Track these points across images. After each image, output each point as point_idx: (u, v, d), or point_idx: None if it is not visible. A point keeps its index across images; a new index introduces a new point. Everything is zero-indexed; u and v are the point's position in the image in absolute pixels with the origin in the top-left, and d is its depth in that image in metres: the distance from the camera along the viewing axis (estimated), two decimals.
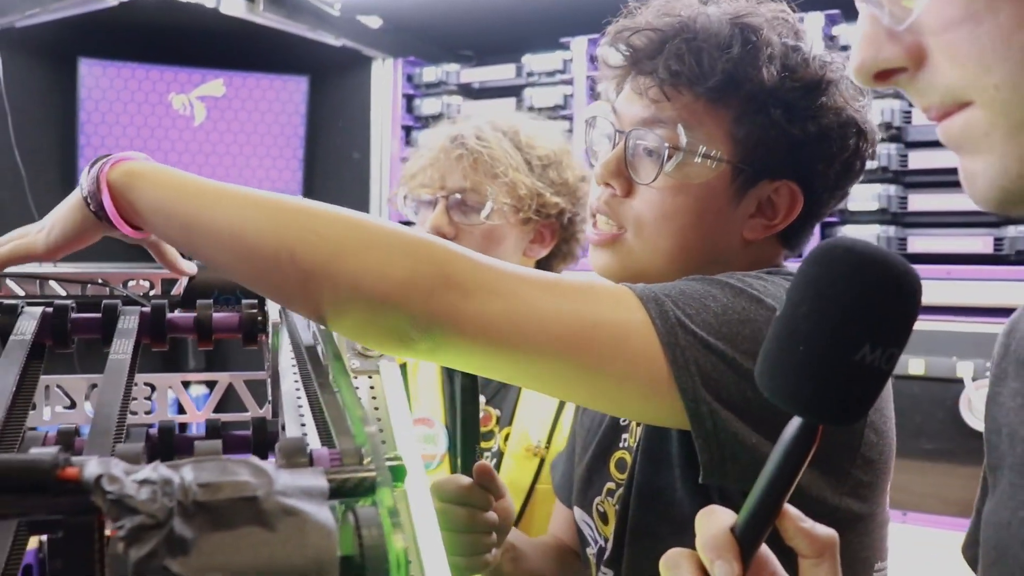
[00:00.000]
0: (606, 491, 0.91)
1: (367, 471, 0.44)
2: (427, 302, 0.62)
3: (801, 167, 0.81)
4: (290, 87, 2.87)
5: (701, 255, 0.82)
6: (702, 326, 0.66)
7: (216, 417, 0.87)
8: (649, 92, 0.79)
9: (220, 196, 0.68)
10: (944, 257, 2.09)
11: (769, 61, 0.77)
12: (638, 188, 0.82)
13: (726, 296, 0.69)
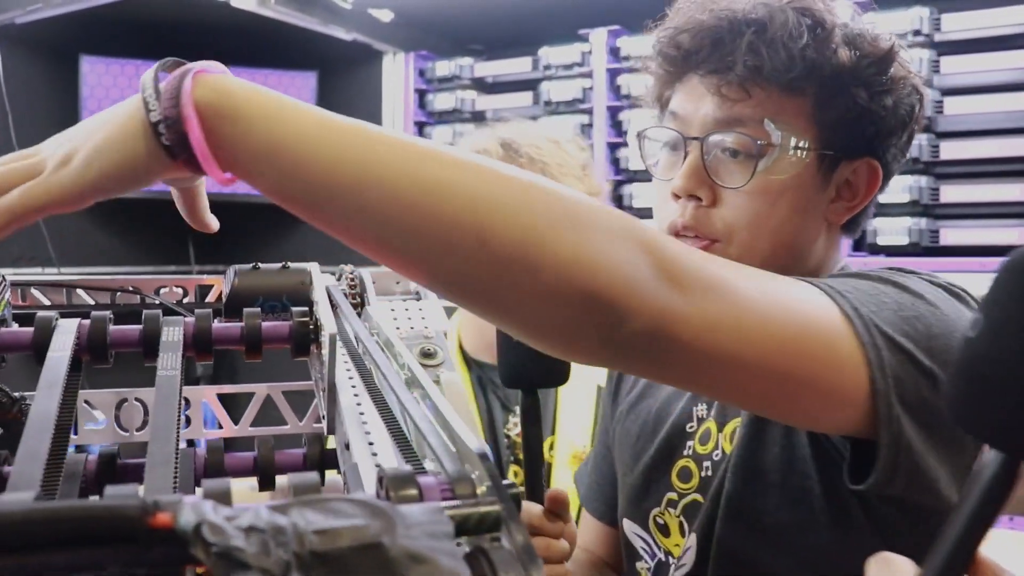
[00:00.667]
0: (666, 502, 0.87)
1: (490, 505, 0.39)
2: (646, 298, 0.51)
3: (878, 142, 0.80)
4: (298, 83, 2.81)
5: (793, 250, 0.80)
6: (888, 324, 0.62)
7: (264, 434, 0.82)
8: (726, 90, 0.76)
9: (377, 145, 0.51)
10: (977, 249, 2.05)
11: (844, 42, 0.76)
12: (723, 194, 0.78)
13: (892, 292, 0.65)
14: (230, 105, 0.51)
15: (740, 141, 0.76)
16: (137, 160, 0.52)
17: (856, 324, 0.60)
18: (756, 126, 0.76)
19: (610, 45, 2.45)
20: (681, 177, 0.78)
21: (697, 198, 0.78)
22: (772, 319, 0.57)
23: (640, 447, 0.90)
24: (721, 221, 0.77)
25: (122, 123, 0.52)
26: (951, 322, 0.65)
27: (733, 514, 0.77)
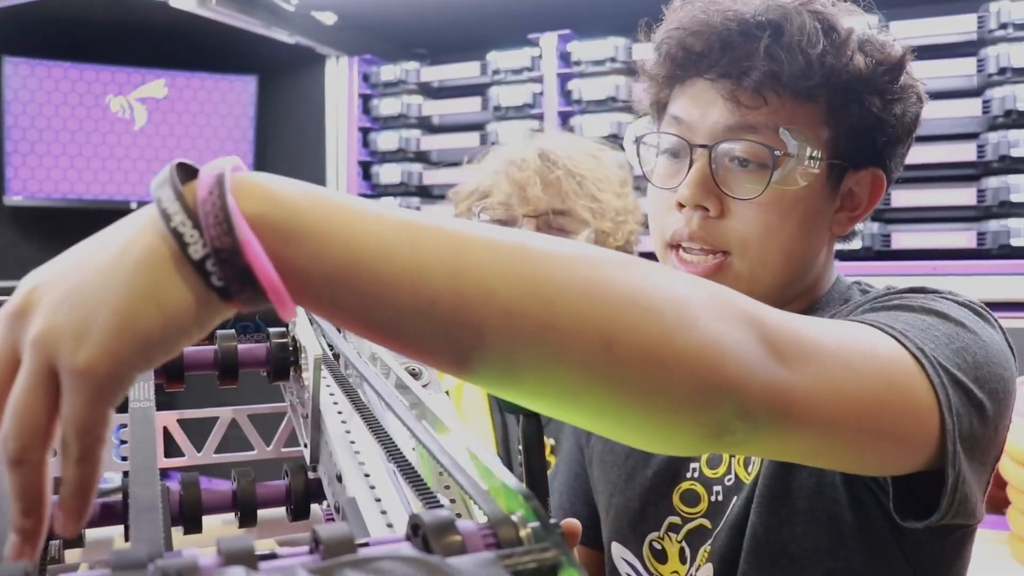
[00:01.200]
0: (667, 526, 0.82)
1: (543, 551, 0.35)
2: (767, 381, 0.46)
3: (886, 152, 0.77)
4: (237, 88, 2.72)
5: (802, 262, 0.77)
6: (947, 360, 0.59)
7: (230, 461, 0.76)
8: (742, 96, 0.72)
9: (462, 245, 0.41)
10: (929, 252, 2.08)
11: (858, 48, 0.73)
12: (732, 205, 0.74)
13: (939, 324, 0.63)
14: (292, 220, 0.38)
15: (754, 150, 0.72)
16: (183, 317, 0.37)
17: (926, 366, 0.57)
18: (771, 134, 0.72)
19: (560, 50, 2.42)
20: (688, 186, 0.73)
21: (704, 208, 0.74)
22: (860, 375, 0.53)
23: (632, 467, 0.86)
24: (732, 233, 0.74)
25: (144, 269, 0.37)
26: (988, 347, 0.63)
27: (759, 544, 0.73)
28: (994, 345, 0.64)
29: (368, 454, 0.59)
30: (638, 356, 0.42)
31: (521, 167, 1.19)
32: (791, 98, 0.72)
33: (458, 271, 0.40)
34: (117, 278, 0.36)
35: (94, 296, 0.36)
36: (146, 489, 0.47)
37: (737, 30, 0.72)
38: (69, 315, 0.36)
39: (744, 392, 0.45)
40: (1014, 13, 2.04)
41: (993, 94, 2.06)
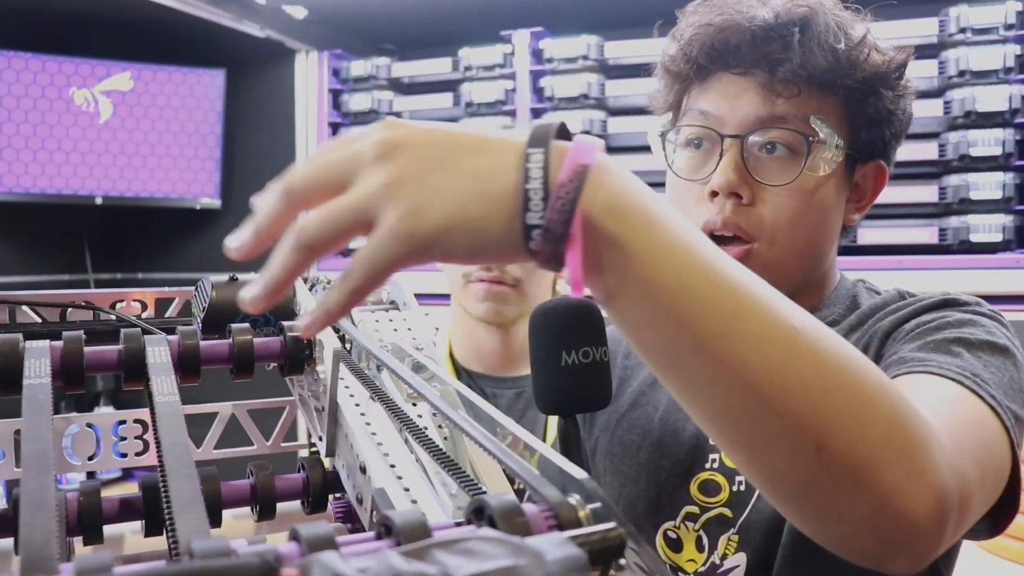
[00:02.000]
0: (684, 515, 0.84)
1: (612, 528, 0.36)
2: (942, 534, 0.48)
3: (891, 144, 0.83)
4: (205, 81, 2.69)
5: (823, 249, 0.81)
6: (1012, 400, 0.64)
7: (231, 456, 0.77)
8: (779, 87, 0.76)
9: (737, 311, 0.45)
10: (893, 248, 2.13)
11: (872, 47, 0.78)
12: (763, 192, 0.77)
13: (998, 363, 0.67)
14: (625, 236, 0.43)
15: (790, 137, 0.76)
16: (492, 247, 0.43)
17: (1003, 417, 0.61)
18: (803, 123, 0.76)
19: (533, 47, 2.43)
20: (722, 174, 0.76)
21: (738, 196, 0.77)
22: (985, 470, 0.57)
23: (645, 458, 0.88)
24: (762, 221, 0.77)
25: (489, 196, 0.42)
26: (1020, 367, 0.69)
27: (796, 537, 0.75)
28: (1022, 359, 0.70)
29: (391, 444, 0.60)
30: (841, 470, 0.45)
31: None
32: (817, 90, 0.76)
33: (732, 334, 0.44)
34: (466, 191, 0.42)
35: (443, 192, 0.42)
36: (186, 483, 0.47)
37: (771, 24, 0.76)
38: (417, 190, 0.42)
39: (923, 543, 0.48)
40: (973, 18, 2.10)
41: (953, 95, 2.12)
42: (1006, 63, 2.08)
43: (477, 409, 0.52)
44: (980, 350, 0.67)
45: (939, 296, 0.76)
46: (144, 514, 0.60)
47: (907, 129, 0.83)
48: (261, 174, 3.24)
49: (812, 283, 0.83)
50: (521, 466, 0.43)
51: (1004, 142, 2.07)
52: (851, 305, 0.83)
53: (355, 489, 0.60)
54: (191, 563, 0.30)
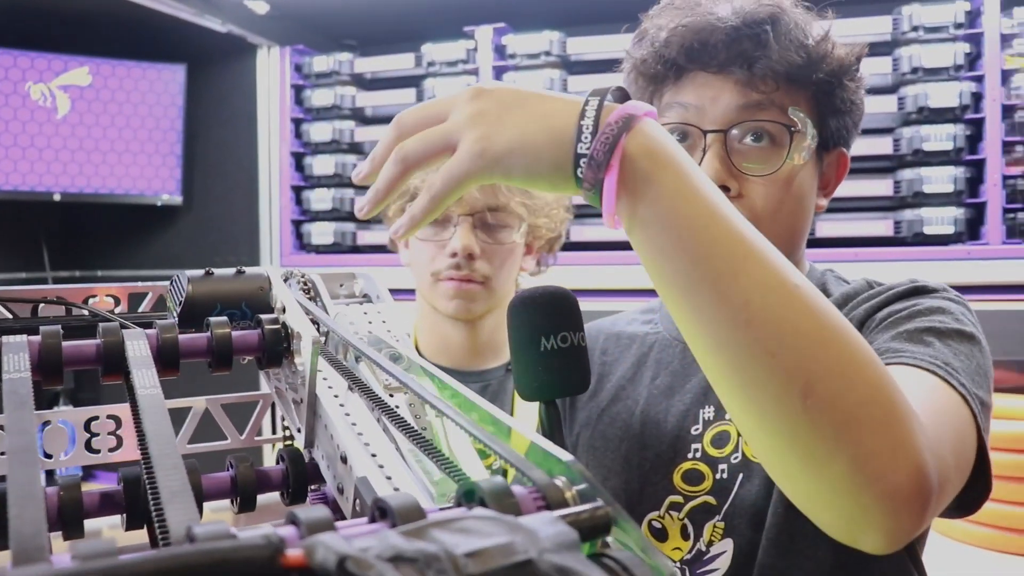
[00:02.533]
0: (668, 505, 0.85)
1: (599, 507, 0.38)
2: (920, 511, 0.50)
3: (853, 133, 0.86)
4: (165, 76, 2.66)
5: (801, 236, 0.84)
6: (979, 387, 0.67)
7: (204, 450, 0.77)
8: (757, 81, 0.79)
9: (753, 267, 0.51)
10: (850, 240, 2.18)
11: (835, 42, 0.82)
12: (748, 184, 0.80)
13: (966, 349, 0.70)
14: (657, 174, 0.52)
15: (772, 128, 0.79)
16: (546, 170, 0.54)
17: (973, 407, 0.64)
18: (782, 114, 0.79)
19: (495, 43, 2.44)
20: (709, 168, 0.78)
21: (726, 188, 0.79)
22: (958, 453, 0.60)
23: (628, 450, 0.89)
24: (750, 211, 0.78)
25: (550, 129, 0.54)
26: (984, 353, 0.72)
27: (779, 522, 0.77)
28: (984, 343, 0.73)
29: (370, 434, 0.61)
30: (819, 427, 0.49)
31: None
32: (791, 84, 0.79)
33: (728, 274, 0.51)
34: (532, 123, 0.54)
35: (514, 123, 0.54)
36: (173, 474, 0.48)
37: (742, 23, 0.78)
38: (494, 120, 0.54)
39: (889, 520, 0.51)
40: (924, 17, 2.16)
41: (907, 92, 2.17)
42: (956, 60, 2.14)
43: (464, 401, 0.54)
44: (950, 338, 0.70)
45: (908, 284, 0.78)
46: (126, 507, 0.60)
47: (863, 117, 0.87)
48: (223, 170, 3.22)
49: None
50: (508, 450, 0.44)
51: (955, 137, 2.13)
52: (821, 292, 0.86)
53: (336, 479, 0.61)
54: (197, 545, 0.30)
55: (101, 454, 0.77)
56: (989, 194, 2.11)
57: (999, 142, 2.11)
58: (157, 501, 0.44)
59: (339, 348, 0.73)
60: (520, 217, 1.22)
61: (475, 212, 1.21)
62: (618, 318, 1.02)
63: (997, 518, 1.80)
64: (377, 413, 0.63)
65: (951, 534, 1.87)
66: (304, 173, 2.66)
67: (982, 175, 2.14)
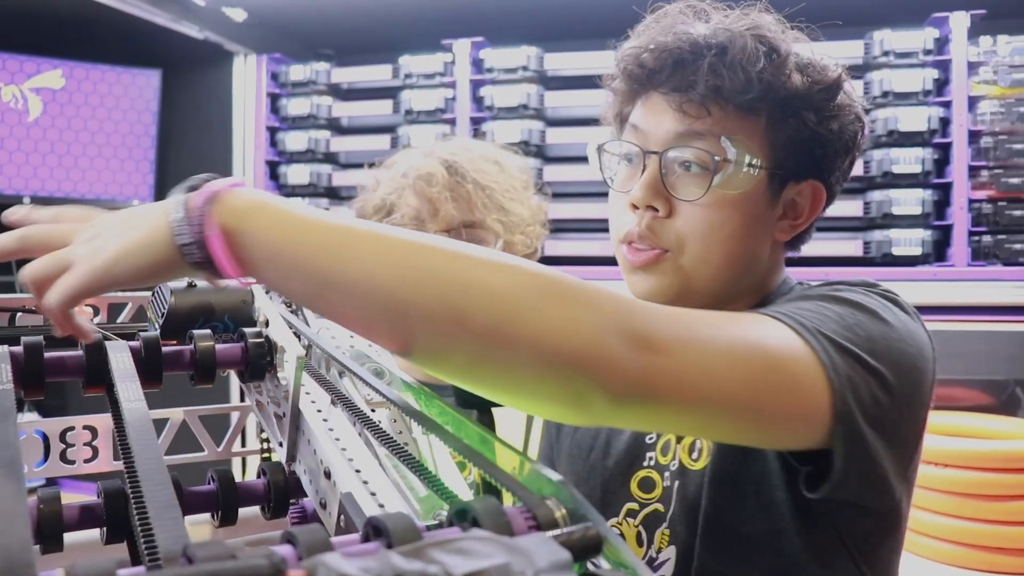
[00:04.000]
0: (626, 512, 0.88)
1: (589, 527, 0.38)
2: (618, 363, 0.55)
3: (824, 165, 0.83)
4: (140, 81, 2.64)
5: (742, 263, 0.82)
6: (833, 332, 0.66)
7: (181, 462, 0.77)
8: (687, 107, 0.79)
9: (357, 242, 0.56)
10: (820, 260, 2.21)
11: (796, 69, 0.80)
12: (679, 206, 0.80)
13: (832, 306, 0.70)
14: (243, 223, 0.57)
15: (698, 156, 0.79)
16: (163, 265, 0.58)
17: (810, 340, 0.64)
18: (713, 142, 0.78)
19: (473, 56, 2.46)
20: (640, 188, 0.80)
21: (654, 209, 0.80)
22: (739, 361, 0.61)
23: (594, 459, 0.91)
24: (675, 232, 0.80)
25: (156, 238, 0.58)
26: (889, 324, 0.70)
27: (712, 527, 0.79)
28: (897, 323, 0.71)
29: (354, 450, 0.61)
30: (482, 333, 0.54)
31: (430, 183, 1.21)
32: (734, 111, 0.78)
33: (343, 260, 0.56)
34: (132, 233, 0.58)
35: (115, 238, 0.59)
36: (160, 489, 0.48)
37: (687, 49, 0.79)
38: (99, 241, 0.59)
39: (596, 373, 0.55)
40: (895, 43, 2.20)
41: (878, 115, 2.22)
42: (925, 86, 2.18)
43: (451, 414, 0.54)
44: (823, 302, 0.70)
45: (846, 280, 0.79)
46: (106, 521, 0.60)
47: (849, 151, 0.84)
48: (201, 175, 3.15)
49: (748, 289, 0.85)
50: (497, 469, 0.45)
51: (924, 160, 2.18)
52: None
53: (319, 494, 0.61)
54: (203, 566, 0.31)
55: (76, 465, 0.76)
56: (955, 217, 2.16)
57: (965, 166, 2.16)
58: (144, 517, 0.44)
59: (321, 362, 0.73)
60: (496, 233, 1.23)
61: (451, 228, 1.22)
62: None
63: (962, 535, 1.84)
64: (360, 428, 0.63)
65: (916, 551, 1.90)
66: (279, 182, 2.65)
67: (949, 198, 2.19)
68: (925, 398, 0.72)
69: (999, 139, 2.14)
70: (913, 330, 0.73)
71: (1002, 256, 2.14)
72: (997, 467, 1.81)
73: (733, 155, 0.78)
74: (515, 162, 1.31)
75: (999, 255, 2.14)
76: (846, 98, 0.82)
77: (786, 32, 0.83)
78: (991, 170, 2.16)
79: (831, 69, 0.82)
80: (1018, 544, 1.82)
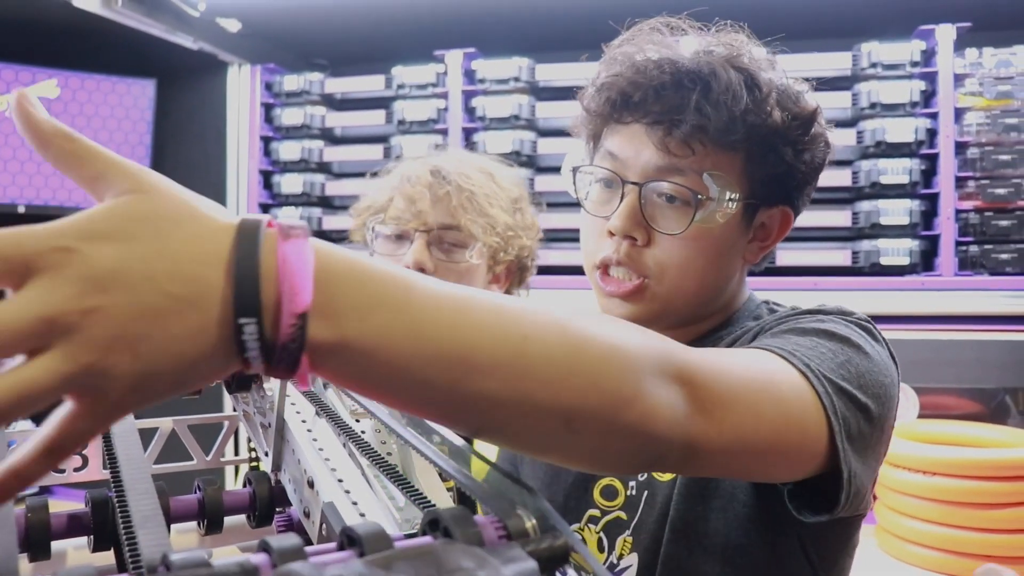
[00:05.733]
0: (587, 518, 0.89)
1: (556, 539, 0.40)
2: (679, 436, 0.52)
3: (795, 193, 0.86)
4: (135, 91, 2.65)
5: (715, 287, 0.85)
6: (832, 372, 0.67)
7: (170, 471, 0.78)
8: (672, 145, 0.80)
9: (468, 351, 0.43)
10: (809, 270, 2.23)
11: (777, 104, 0.81)
12: (657, 237, 0.82)
13: (826, 343, 0.71)
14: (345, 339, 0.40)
15: (680, 191, 0.80)
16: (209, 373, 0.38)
17: (812, 381, 0.65)
18: (695, 179, 0.80)
19: (465, 67, 2.47)
20: (619, 218, 0.81)
21: (632, 238, 0.82)
22: (765, 419, 0.60)
23: (558, 465, 0.93)
24: (653, 261, 0.82)
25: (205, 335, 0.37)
26: (870, 358, 0.72)
27: (678, 537, 0.80)
28: (876, 355, 0.73)
29: (337, 460, 0.63)
30: (592, 427, 0.47)
31: (413, 182, 1.24)
32: (715, 147, 0.80)
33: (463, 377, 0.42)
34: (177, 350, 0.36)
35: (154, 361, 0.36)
36: (145, 498, 0.49)
37: (670, 81, 0.79)
38: (131, 363, 0.35)
39: (667, 445, 0.52)
40: (883, 55, 2.23)
41: (865, 126, 2.24)
42: (912, 97, 2.20)
43: (423, 425, 0.55)
44: (814, 336, 0.71)
45: (814, 306, 0.80)
46: (93, 530, 0.61)
47: (816, 176, 0.86)
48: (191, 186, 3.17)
49: (717, 309, 0.88)
50: (470, 480, 0.46)
51: (911, 171, 2.20)
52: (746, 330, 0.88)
53: (303, 503, 0.62)
54: (180, 573, 0.32)
55: (66, 473, 0.77)
56: (943, 227, 2.18)
57: (952, 177, 2.18)
58: (128, 526, 0.46)
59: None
60: (474, 236, 1.24)
61: (430, 229, 1.23)
62: None
63: (949, 543, 1.85)
64: (344, 439, 0.65)
65: (903, 558, 1.91)
66: (272, 191, 2.66)
67: (936, 208, 2.21)
68: (894, 419, 0.75)
69: (985, 150, 2.16)
70: (886, 359, 0.75)
71: (989, 266, 2.16)
72: (985, 475, 1.82)
73: (715, 192, 0.79)
74: (508, 175, 1.33)
75: (986, 265, 2.16)
76: (818, 127, 0.84)
77: (761, 56, 0.83)
78: (978, 181, 2.18)
79: (806, 100, 0.83)
80: (1005, 552, 1.83)
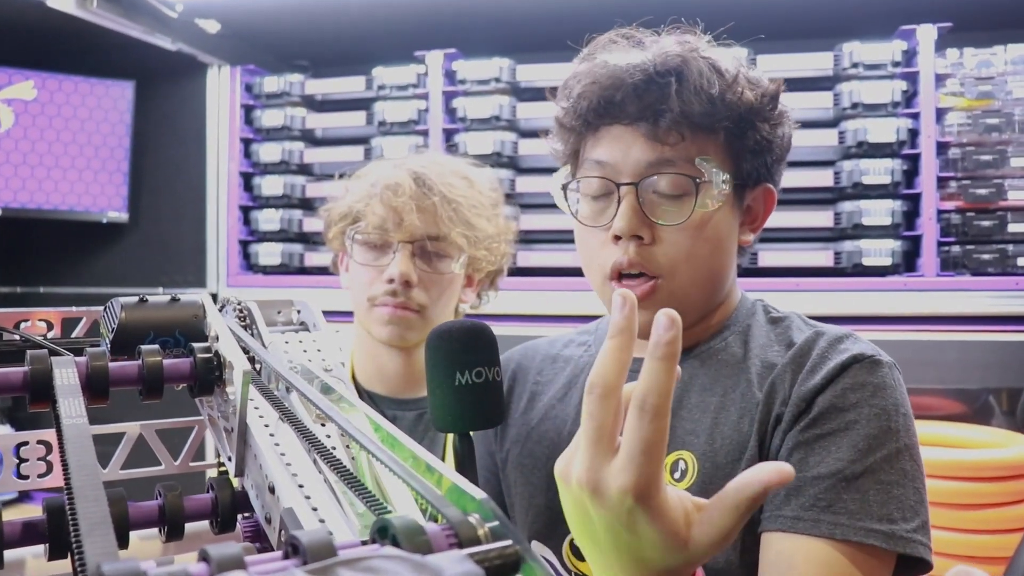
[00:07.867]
0: None
1: (508, 546, 0.39)
2: None
3: (774, 168, 0.88)
4: (113, 92, 2.63)
5: (722, 276, 0.86)
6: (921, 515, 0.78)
7: (137, 476, 0.76)
8: (662, 135, 0.81)
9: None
10: (791, 270, 2.23)
11: (746, 84, 0.83)
12: (661, 232, 0.82)
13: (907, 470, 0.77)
14: None
15: (678, 181, 0.81)
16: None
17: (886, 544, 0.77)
18: (688, 165, 0.81)
19: (446, 68, 2.46)
20: (623, 219, 0.81)
21: (639, 237, 0.82)
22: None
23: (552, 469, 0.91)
24: (664, 257, 0.82)
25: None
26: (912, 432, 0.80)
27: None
28: (909, 413, 0.78)
29: (299, 465, 0.61)
30: None
31: (397, 192, 1.21)
32: (699, 134, 0.81)
33: None
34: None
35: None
36: (94, 505, 0.48)
37: (645, 78, 0.80)
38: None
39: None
40: (864, 55, 2.23)
41: (847, 126, 2.24)
42: (894, 97, 2.21)
43: (386, 432, 0.54)
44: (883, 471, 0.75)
45: (846, 355, 0.79)
46: (48, 537, 0.60)
47: (788, 152, 0.89)
48: (170, 188, 3.18)
49: (718, 304, 0.88)
50: (424, 486, 0.45)
51: (893, 171, 2.20)
52: (744, 331, 0.88)
53: (264, 509, 0.61)
54: None
55: (31, 480, 0.76)
56: (925, 227, 2.18)
57: (934, 177, 2.18)
58: (77, 533, 0.44)
59: (271, 377, 0.73)
60: (460, 248, 1.23)
61: (415, 240, 1.22)
62: (556, 339, 1.05)
63: (935, 544, 1.85)
64: (306, 445, 0.63)
65: None
66: (252, 193, 2.65)
67: (918, 209, 2.21)
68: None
69: (967, 150, 2.17)
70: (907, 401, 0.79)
71: (971, 266, 2.16)
72: (969, 476, 1.82)
73: (710, 175, 0.81)
74: (485, 178, 1.31)
75: (968, 265, 2.16)
76: (782, 104, 0.87)
77: (715, 48, 0.86)
78: (959, 181, 2.18)
79: (764, 80, 0.86)
80: (991, 553, 1.83)
